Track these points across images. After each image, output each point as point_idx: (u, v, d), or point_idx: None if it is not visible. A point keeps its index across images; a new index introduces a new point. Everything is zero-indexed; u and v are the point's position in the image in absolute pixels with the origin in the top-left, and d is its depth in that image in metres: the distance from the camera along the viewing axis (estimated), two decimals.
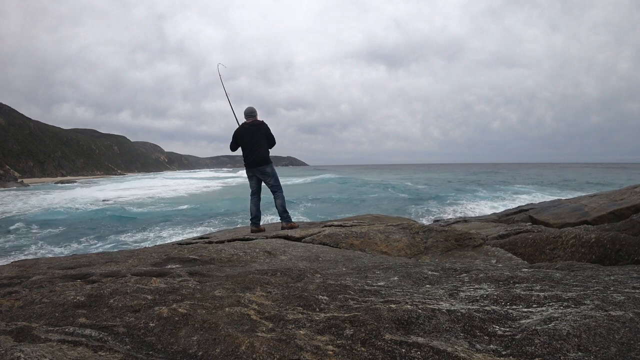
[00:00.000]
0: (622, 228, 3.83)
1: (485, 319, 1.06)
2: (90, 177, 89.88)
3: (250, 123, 4.89)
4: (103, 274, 1.78)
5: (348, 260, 2.26)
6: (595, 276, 1.45)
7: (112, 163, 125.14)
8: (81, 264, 2.16)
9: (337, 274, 1.74)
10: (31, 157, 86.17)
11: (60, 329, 1.11)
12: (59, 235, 13.64)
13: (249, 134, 4.83)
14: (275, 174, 4.98)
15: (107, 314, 1.23)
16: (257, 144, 4.83)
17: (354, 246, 3.37)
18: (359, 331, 1.02)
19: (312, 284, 1.47)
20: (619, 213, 6.31)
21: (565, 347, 0.87)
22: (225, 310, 1.20)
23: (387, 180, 44.61)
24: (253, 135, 4.82)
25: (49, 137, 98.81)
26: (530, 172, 64.17)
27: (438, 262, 2.22)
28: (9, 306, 1.34)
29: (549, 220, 7.23)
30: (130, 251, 2.66)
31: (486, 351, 0.91)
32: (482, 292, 1.30)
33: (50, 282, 1.68)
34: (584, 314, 1.01)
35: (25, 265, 2.28)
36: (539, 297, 1.19)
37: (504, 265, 2.02)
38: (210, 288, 1.45)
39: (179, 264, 2.07)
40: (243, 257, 2.31)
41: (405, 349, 0.92)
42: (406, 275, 1.63)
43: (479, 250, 3.06)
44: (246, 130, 4.85)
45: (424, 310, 1.11)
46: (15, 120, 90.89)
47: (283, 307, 1.24)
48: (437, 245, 3.27)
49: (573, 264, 1.75)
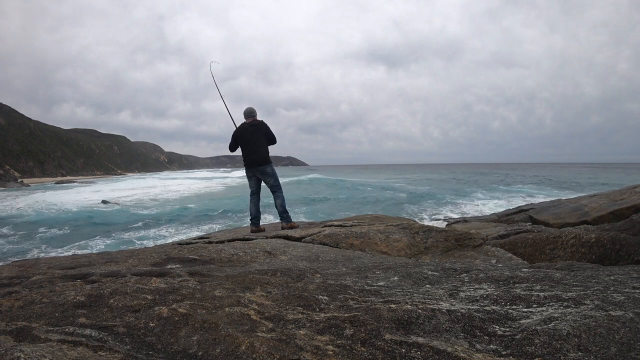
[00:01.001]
0: (622, 228, 3.83)
1: (485, 319, 1.06)
2: (90, 177, 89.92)
3: (250, 123, 4.88)
4: (103, 274, 1.78)
5: (348, 260, 2.26)
6: (595, 276, 1.45)
7: (112, 163, 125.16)
8: (81, 264, 2.16)
9: (337, 274, 1.74)
10: (31, 157, 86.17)
11: (60, 329, 1.11)
12: (59, 236, 13.65)
13: (248, 134, 4.82)
14: (275, 174, 4.97)
15: (107, 314, 1.23)
16: (257, 143, 4.82)
17: (354, 246, 3.38)
18: (359, 331, 1.02)
19: (312, 284, 1.47)
20: (619, 213, 6.31)
21: (565, 347, 0.87)
22: (225, 310, 1.20)
23: (387, 180, 44.58)
24: (253, 135, 4.81)
25: (49, 137, 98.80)
26: (529, 172, 64.07)
27: (438, 262, 2.22)
28: (9, 306, 1.34)
29: (549, 220, 7.23)
30: (130, 251, 2.66)
31: (486, 351, 0.91)
32: (482, 292, 1.30)
33: (50, 282, 1.68)
34: (584, 314, 1.01)
35: (25, 265, 2.28)
36: (539, 297, 1.19)
37: (504, 265, 2.02)
38: (210, 288, 1.45)
39: (179, 264, 2.07)
40: (243, 257, 2.31)
41: (405, 349, 0.92)
42: (406, 275, 1.63)
43: (479, 250, 3.06)
44: (246, 131, 4.83)
45: (424, 310, 1.11)
46: (15, 120, 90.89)
47: (283, 307, 1.24)
48: (437, 245, 3.27)
49: (573, 264, 1.75)
